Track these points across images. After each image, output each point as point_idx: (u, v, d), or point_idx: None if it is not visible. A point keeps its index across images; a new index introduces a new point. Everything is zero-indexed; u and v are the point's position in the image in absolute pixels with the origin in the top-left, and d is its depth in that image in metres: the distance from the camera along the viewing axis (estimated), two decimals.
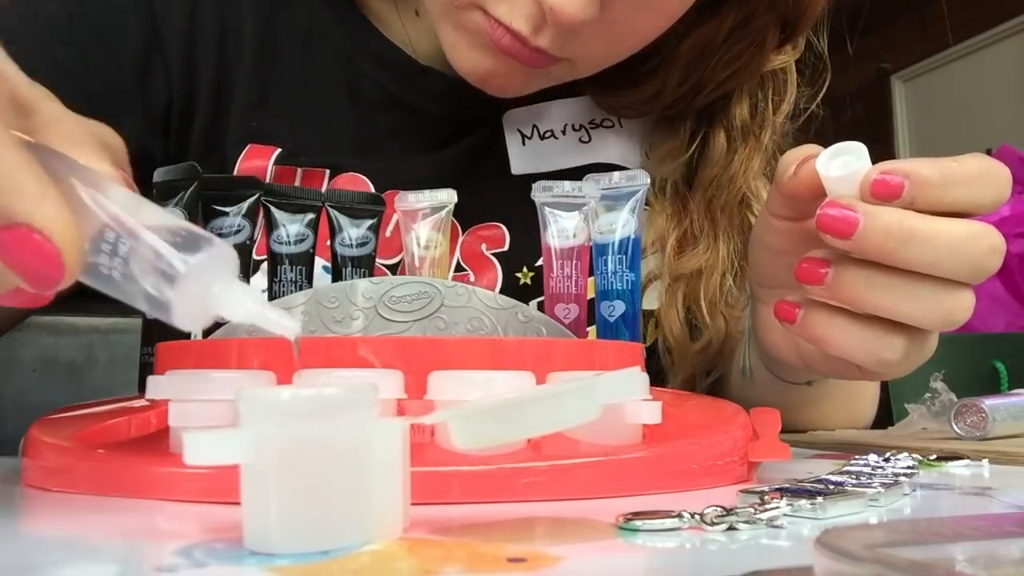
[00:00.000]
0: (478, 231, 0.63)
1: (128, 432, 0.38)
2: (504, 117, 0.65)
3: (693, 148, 0.66)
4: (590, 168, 0.63)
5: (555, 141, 0.65)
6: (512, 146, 0.64)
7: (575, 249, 0.50)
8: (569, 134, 0.65)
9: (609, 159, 0.66)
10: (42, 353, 0.91)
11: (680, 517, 0.26)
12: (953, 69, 3.52)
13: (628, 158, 0.67)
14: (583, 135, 0.65)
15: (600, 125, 0.66)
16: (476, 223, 0.63)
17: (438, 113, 0.64)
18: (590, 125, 0.66)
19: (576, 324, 0.49)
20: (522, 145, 0.64)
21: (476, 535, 0.26)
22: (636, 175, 0.48)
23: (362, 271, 0.51)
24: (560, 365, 0.36)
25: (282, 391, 0.24)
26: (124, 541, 0.26)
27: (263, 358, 0.35)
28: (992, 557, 0.20)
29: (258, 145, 0.61)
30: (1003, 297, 1.40)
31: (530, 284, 0.62)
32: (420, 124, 0.64)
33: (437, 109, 0.64)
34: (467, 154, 0.64)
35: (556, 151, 0.65)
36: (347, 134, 0.63)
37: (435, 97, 0.64)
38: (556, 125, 0.65)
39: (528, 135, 0.65)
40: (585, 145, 0.65)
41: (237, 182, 0.49)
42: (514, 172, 0.64)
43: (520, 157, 0.64)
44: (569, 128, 0.65)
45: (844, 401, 0.67)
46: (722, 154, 0.65)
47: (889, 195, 0.37)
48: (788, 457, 0.38)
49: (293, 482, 0.23)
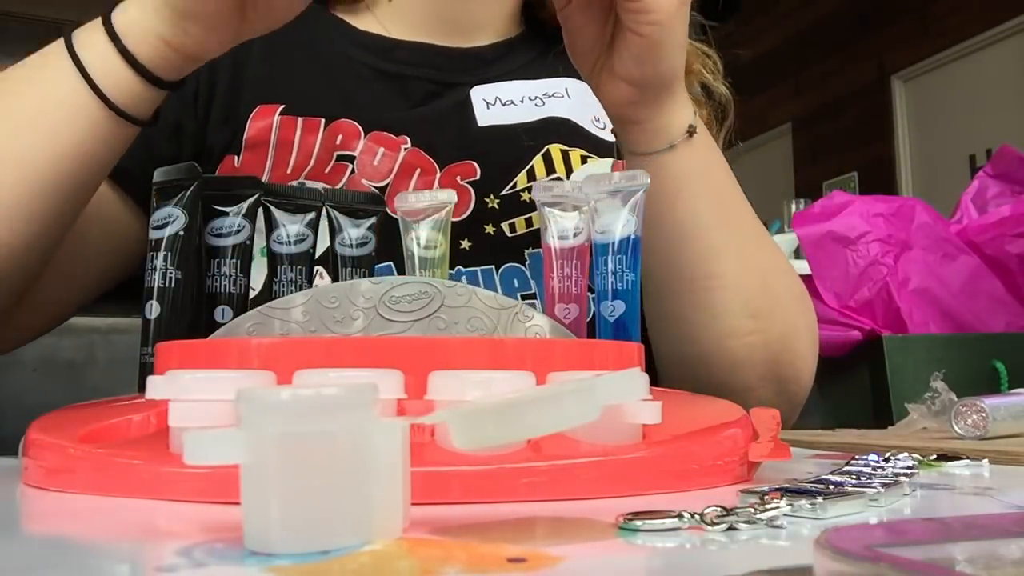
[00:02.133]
0: (452, 168, 0.72)
1: (128, 432, 0.38)
2: (471, 91, 0.76)
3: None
4: (545, 120, 0.75)
5: (514, 107, 0.77)
6: (478, 110, 0.76)
7: (575, 249, 0.50)
8: (526, 102, 0.77)
9: (561, 114, 0.76)
10: (42, 353, 0.91)
11: (680, 517, 0.26)
12: (953, 69, 3.52)
13: (578, 117, 0.76)
14: (538, 102, 0.77)
15: (552, 96, 0.78)
16: (450, 162, 0.72)
17: (415, 75, 0.76)
18: (544, 96, 0.78)
19: (576, 324, 0.49)
20: (486, 109, 0.76)
21: (476, 535, 0.26)
22: (636, 175, 0.48)
23: (362, 271, 0.51)
24: (560, 365, 0.36)
25: (282, 391, 0.24)
26: (124, 541, 0.26)
27: (263, 358, 0.35)
28: (992, 557, 0.20)
29: (265, 105, 0.71)
30: (1003, 297, 1.40)
31: (498, 208, 0.71)
32: (403, 89, 0.76)
33: (413, 71, 0.76)
34: (441, 112, 0.75)
35: (515, 112, 0.76)
36: (341, 98, 0.74)
37: (410, 63, 0.76)
38: (515, 97, 0.77)
39: (491, 103, 0.76)
40: (539, 108, 0.76)
41: (237, 182, 0.49)
42: (480, 124, 0.75)
43: (485, 116, 0.76)
44: (526, 99, 0.77)
45: (717, 209, 0.63)
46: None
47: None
48: (788, 457, 0.38)
49: (293, 482, 0.23)
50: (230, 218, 0.48)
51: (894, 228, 1.41)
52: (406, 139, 0.71)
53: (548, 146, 0.73)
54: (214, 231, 0.48)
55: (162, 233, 0.46)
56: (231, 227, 0.48)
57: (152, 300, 0.46)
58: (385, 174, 0.70)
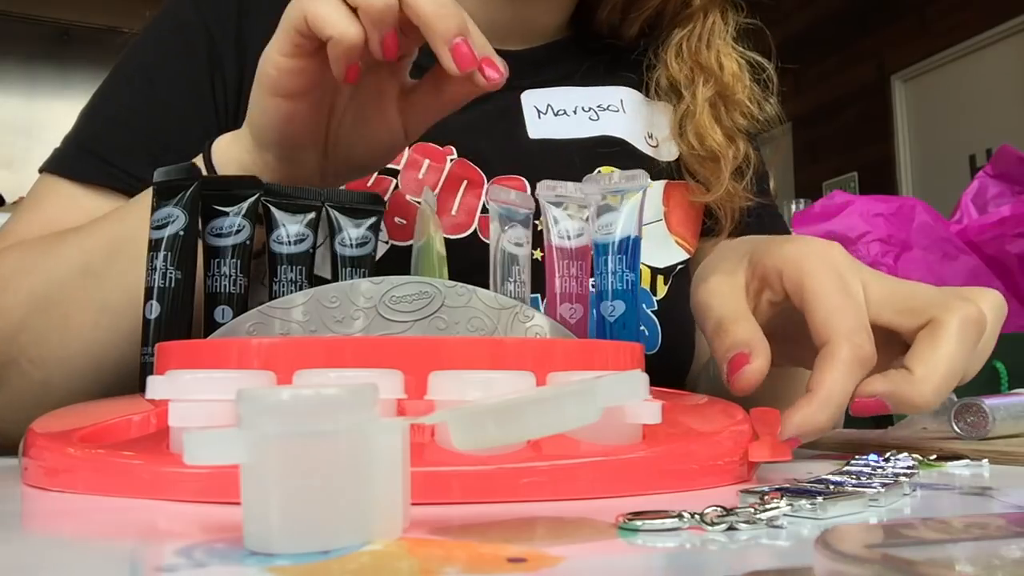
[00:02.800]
0: (501, 180, 0.68)
1: (128, 432, 0.38)
2: (522, 95, 0.72)
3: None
4: (599, 139, 0.72)
5: (567, 118, 0.73)
6: (529, 118, 0.72)
7: (580, 249, 0.50)
8: (580, 113, 0.73)
9: (616, 133, 0.73)
10: None
11: (680, 517, 0.26)
12: (953, 69, 3.52)
13: (632, 135, 0.74)
14: (592, 115, 0.73)
15: (607, 109, 0.74)
16: (498, 174, 0.68)
17: None
18: (598, 108, 0.74)
19: (580, 324, 0.49)
20: (537, 119, 0.72)
21: (476, 535, 0.26)
22: (636, 175, 0.48)
23: (362, 271, 0.51)
24: (560, 365, 0.36)
25: (282, 391, 0.24)
26: (124, 541, 0.26)
27: (263, 358, 0.35)
28: (992, 557, 0.20)
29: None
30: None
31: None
32: None
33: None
34: (488, 117, 0.70)
35: (568, 125, 0.73)
36: None
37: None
38: (568, 106, 0.73)
39: (543, 111, 0.73)
40: (594, 122, 0.73)
41: (237, 182, 0.49)
42: (531, 136, 0.71)
43: (536, 126, 0.72)
44: (580, 109, 0.73)
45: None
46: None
47: None
48: (788, 457, 0.38)
49: (293, 482, 0.23)
50: (230, 218, 0.48)
51: (894, 228, 1.41)
52: (452, 149, 0.68)
53: (599, 168, 0.71)
54: (214, 231, 0.48)
55: (162, 233, 0.46)
56: (231, 227, 0.48)
57: (152, 300, 0.46)
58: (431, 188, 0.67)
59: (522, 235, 0.50)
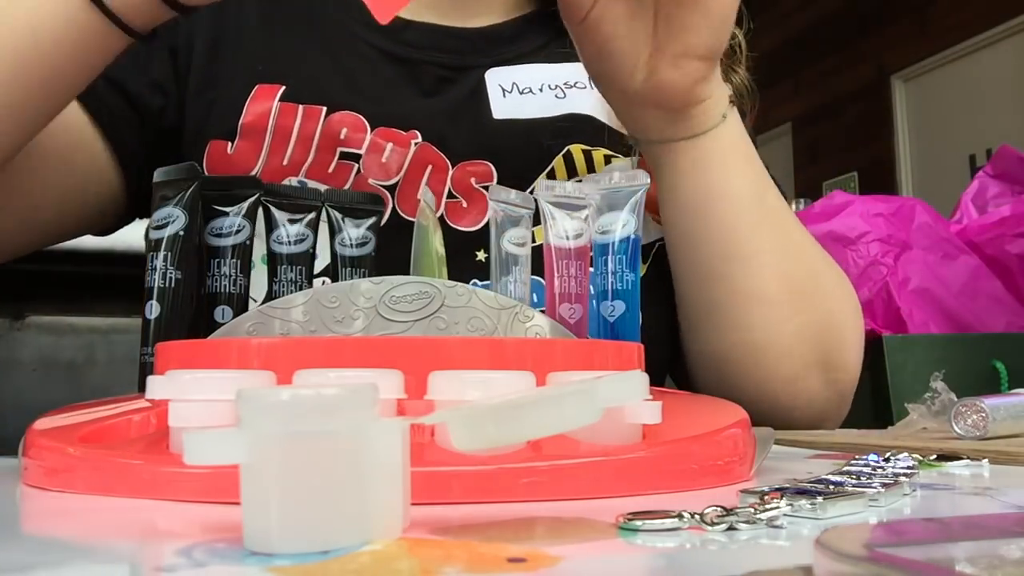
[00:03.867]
0: (466, 166, 0.68)
1: (128, 432, 0.38)
2: (486, 74, 0.71)
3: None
4: (567, 116, 0.70)
5: (532, 96, 0.71)
6: (494, 98, 0.71)
7: (579, 249, 0.50)
8: (545, 91, 0.72)
9: (583, 110, 0.71)
10: (42, 353, 0.92)
11: (680, 517, 0.26)
12: (953, 69, 3.52)
13: (600, 111, 0.71)
14: (558, 92, 0.72)
15: (574, 86, 0.72)
16: (463, 159, 0.68)
17: (425, 59, 0.71)
18: (564, 85, 0.73)
19: (580, 324, 0.49)
20: (502, 97, 0.71)
21: (476, 535, 0.26)
22: (636, 175, 0.48)
23: (362, 271, 0.51)
24: (560, 365, 0.36)
25: (282, 391, 0.24)
26: (124, 541, 0.26)
27: (263, 358, 0.35)
28: (992, 557, 0.20)
29: (265, 85, 0.67)
30: (1003, 297, 1.40)
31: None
32: (412, 73, 0.71)
33: (424, 55, 0.71)
34: (453, 101, 0.70)
35: (534, 103, 0.71)
36: (346, 83, 0.69)
37: (420, 45, 0.72)
38: (534, 84, 0.72)
39: (508, 89, 0.71)
40: (560, 100, 0.71)
41: (237, 182, 0.49)
42: (496, 117, 0.70)
43: (501, 105, 0.70)
44: (546, 87, 0.72)
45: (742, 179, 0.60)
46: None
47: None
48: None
49: (293, 482, 0.23)
50: (230, 218, 0.48)
51: (894, 228, 1.41)
52: (416, 134, 0.68)
53: (569, 146, 0.69)
54: (214, 231, 0.48)
55: (162, 233, 0.46)
56: (231, 227, 0.48)
57: (152, 300, 0.46)
58: (394, 172, 0.67)
59: (522, 235, 0.50)
